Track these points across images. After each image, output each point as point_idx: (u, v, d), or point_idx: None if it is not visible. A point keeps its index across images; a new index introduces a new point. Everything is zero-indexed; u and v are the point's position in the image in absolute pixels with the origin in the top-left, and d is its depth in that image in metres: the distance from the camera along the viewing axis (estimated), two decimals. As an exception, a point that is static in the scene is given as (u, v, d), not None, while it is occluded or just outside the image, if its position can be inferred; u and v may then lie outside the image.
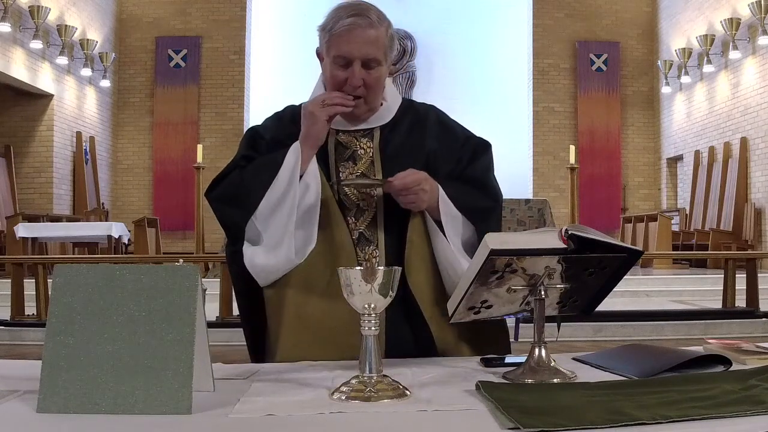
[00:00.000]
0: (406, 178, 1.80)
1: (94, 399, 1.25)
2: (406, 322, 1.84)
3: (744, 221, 11.68)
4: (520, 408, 1.21)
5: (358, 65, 1.85)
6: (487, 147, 2.02)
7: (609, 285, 1.64)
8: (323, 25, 1.90)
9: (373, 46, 1.85)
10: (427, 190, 1.82)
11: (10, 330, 6.81)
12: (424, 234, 1.87)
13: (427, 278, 1.85)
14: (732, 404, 1.21)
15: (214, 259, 8.54)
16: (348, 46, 1.84)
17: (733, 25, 11.94)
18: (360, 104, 1.89)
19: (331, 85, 1.89)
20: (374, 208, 1.88)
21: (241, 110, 15.01)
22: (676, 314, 7.41)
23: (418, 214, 1.86)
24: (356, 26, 1.84)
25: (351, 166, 1.90)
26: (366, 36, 1.84)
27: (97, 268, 1.33)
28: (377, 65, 1.87)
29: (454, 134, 2.00)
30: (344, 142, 1.93)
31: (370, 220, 1.88)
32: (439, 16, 15.45)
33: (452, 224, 1.86)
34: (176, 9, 14.95)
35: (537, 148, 15.18)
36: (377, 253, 1.85)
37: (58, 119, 12.56)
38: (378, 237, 1.87)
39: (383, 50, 1.87)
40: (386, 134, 1.94)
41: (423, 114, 2.01)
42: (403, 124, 1.97)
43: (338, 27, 1.84)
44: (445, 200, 1.85)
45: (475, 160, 1.98)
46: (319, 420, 1.23)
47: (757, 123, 11.58)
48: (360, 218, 1.88)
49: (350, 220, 1.87)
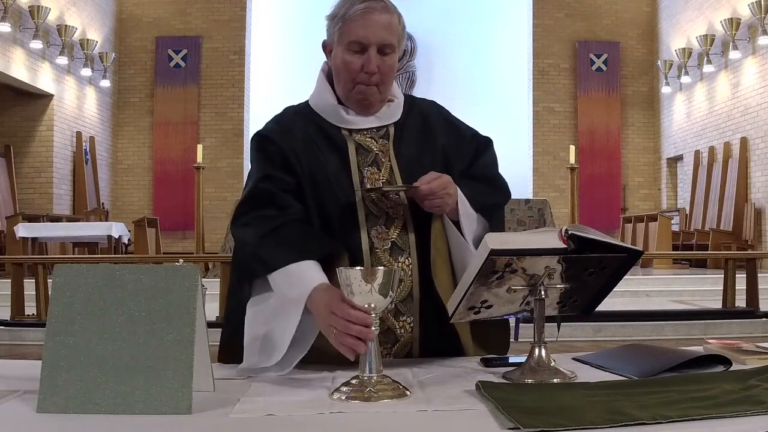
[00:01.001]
0: (432, 183, 1.75)
1: (94, 399, 1.25)
2: (436, 324, 1.81)
3: (744, 221, 11.68)
4: (520, 408, 1.21)
5: (374, 50, 1.79)
6: (490, 143, 2.03)
7: (609, 285, 1.64)
8: (333, 13, 1.84)
9: (388, 32, 1.81)
10: (452, 193, 1.79)
11: (10, 330, 6.80)
12: (442, 233, 1.84)
13: (448, 277, 1.84)
14: (732, 404, 1.21)
15: (214, 259, 8.54)
16: (364, 31, 1.78)
17: (733, 25, 11.94)
18: (374, 92, 1.84)
19: (345, 74, 1.83)
20: (402, 215, 1.82)
21: (241, 110, 15.01)
22: (676, 314, 7.41)
23: (439, 216, 1.83)
24: (372, 10, 1.79)
25: (375, 172, 1.84)
26: (382, 20, 1.80)
27: (97, 268, 1.33)
28: (392, 52, 1.82)
29: (460, 131, 1.99)
30: (363, 144, 1.87)
31: (401, 228, 1.82)
32: (439, 16, 15.45)
33: (468, 223, 1.85)
34: (176, 9, 14.95)
35: (537, 148, 15.18)
36: (410, 261, 1.80)
37: (58, 119, 12.56)
38: (409, 244, 1.81)
39: (397, 37, 1.83)
40: (399, 133, 1.90)
41: (427, 111, 1.99)
42: (412, 122, 1.94)
43: (352, 12, 1.79)
44: (463, 201, 1.83)
45: (482, 156, 1.98)
46: (319, 420, 1.23)
47: (757, 123, 11.58)
48: (391, 227, 1.81)
49: (381, 229, 1.80)
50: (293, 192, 1.82)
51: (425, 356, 1.79)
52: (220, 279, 7.21)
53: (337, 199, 1.81)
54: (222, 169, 14.69)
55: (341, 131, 1.87)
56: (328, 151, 1.85)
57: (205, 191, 11.06)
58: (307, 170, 1.82)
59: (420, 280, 1.80)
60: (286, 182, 1.82)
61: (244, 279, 1.80)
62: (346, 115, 1.87)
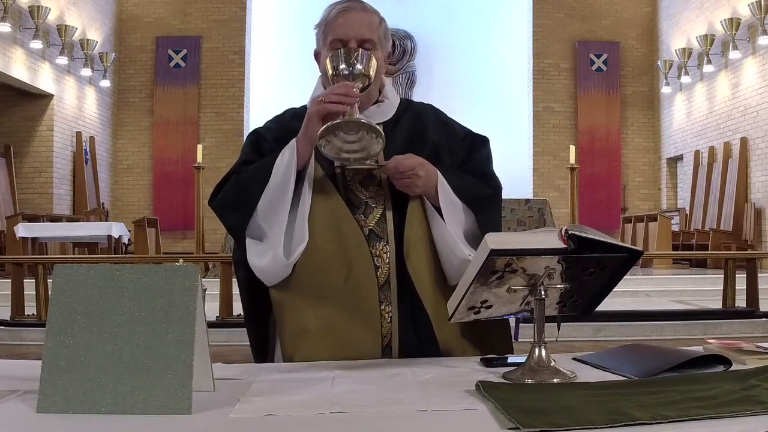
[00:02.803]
0: (402, 162, 1.82)
1: (94, 399, 1.25)
2: (411, 322, 1.84)
3: (744, 221, 11.68)
4: (520, 408, 1.21)
5: (354, 45, 1.88)
6: (486, 141, 2.05)
7: (609, 285, 1.64)
8: (319, 22, 1.97)
9: (367, 29, 1.91)
10: (421, 175, 1.83)
11: (10, 330, 6.81)
12: (423, 219, 1.87)
13: (427, 262, 1.85)
14: (732, 404, 1.21)
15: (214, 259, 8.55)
16: (343, 29, 1.90)
17: (733, 25, 11.94)
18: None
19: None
20: (383, 205, 1.88)
21: (241, 110, 15.01)
22: (676, 314, 7.41)
23: (417, 198, 1.87)
24: (350, 9, 1.92)
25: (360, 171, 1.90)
26: (360, 18, 1.91)
27: (97, 268, 1.33)
28: (372, 48, 1.90)
29: (454, 130, 2.03)
30: None
31: (379, 216, 1.87)
32: (439, 16, 15.45)
33: (452, 211, 1.87)
34: (176, 9, 14.95)
35: (537, 148, 15.19)
36: (387, 248, 1.85)
37: (58, 119, 12.56)
38: (387, 232, 1.86)
39: (377, 35, 1.93)
40: (389, 132, 1.92)
41: (422, 111, 2.04)
42: (404, 122, 1.99)
43: (333, 14, 1.93)
44: (444, 187, 1.87)
45: (475, 152, 2.01)
46: (319, 420, 1.23)
47: (757, 123, 11.58)
48: (369, 215, 1.87)
49: (360, 218, 1.86)
50: None
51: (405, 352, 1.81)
52: (220, 279, 7.21)
53: (320, 187, 1.86)
54: (222, 169, 14.40)
55: None
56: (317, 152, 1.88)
57: (205, 191, 10.97)
58: None
59: (397, 266, 1.85)
60: None
61: (234, 219, 1.88)
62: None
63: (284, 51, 14.97)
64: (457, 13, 15.43)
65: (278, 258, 1.80)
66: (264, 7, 15.45)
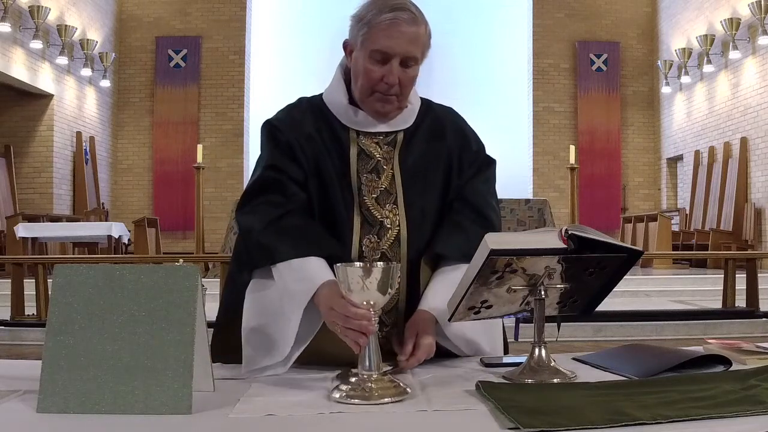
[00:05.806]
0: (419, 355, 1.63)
1: (94, 399, 1.25)
2: None
3: (744, 221, 11.68)
4: (520, 408, 1.21)
5: (397, 62, 1.76)
6: (492, 164, 1.97)
7: (609, 285, 1.64)
8: (360, 15, 1.79)
9: (414, 44, 1.77)
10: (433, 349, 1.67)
11: (10, 330, 6.80)
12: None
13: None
14: (732, 404, 1.21)
15: (214, 259, 8.53)
16: (389, 42, 1.74)
17: (733, 25, 11.93)
18: (392, 102, 1.82)
19: (364, 81, 1.80)
20: (398, 226, 1.80)
21: (241, 110, 15.00)
22: (676, 314, 7.40)
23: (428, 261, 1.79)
24: (399, 21, 1.74)
25: (374, 179, 1.82)
26: (408, 33, 1.75)
27: (97, 268, 1.33)
28: (414, 64, 1.80)
29: (468, 141, 1.94)
30: (366, 149, 1.85)
31: (394, 239, 1.80)
32: (439, 16, 15.42)
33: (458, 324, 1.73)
34: (176, 9, 14.95)
35: (537, 148, 15.18)
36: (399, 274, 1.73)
37: (58, 119, 12.56)
38: (400, 257, 1.79)
39: (422, 49, 1.80)
40: (407, 141, 1.88)
41: (442, 118, 1.96)
42: (423, 130, 1.90)
43: (379, 20, 1.74)
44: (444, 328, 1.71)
45: (481, 175, 1.92)
46: (319, 420, 1.23)
47: (757, 123, 11.58)
48: (383, 237, 1.79)
49: (373, 239, 1.78)
50: (299, 182, 1.81)
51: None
52: (220, 279, 7.20)
53: (334, 200, 1.80)
54: (222, 169, 14.69)
55: (349, 132, 1.86)
56: (332, 150, 1.84)
57: (205, 191, 11.06)
58: (310, 166, 1.82)
59: (407, 293, 1.78)
60: (293, 171, 1.81)
61: (244, 267, 1.79)
62: (354, 116, 1.85)
63: (284, 51, 14.97)
64: (457, 13, 15.42)
65: (274, 362, 1.65)
66: (264, 7, 15.44)
